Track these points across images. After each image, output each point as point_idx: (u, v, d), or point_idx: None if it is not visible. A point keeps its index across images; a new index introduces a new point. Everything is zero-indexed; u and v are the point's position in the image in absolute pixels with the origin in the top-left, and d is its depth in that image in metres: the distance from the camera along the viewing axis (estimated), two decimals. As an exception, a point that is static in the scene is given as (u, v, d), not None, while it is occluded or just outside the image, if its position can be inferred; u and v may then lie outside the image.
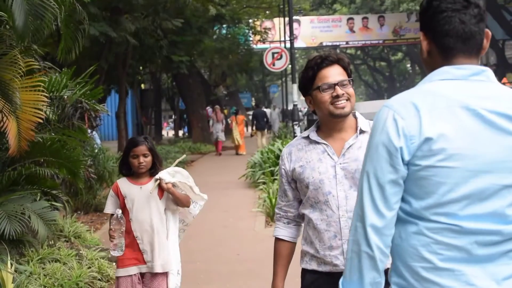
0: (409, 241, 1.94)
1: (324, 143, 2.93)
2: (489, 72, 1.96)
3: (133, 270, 4.35)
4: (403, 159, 1.90)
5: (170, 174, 4.32)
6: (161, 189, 4.34)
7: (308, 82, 2.95)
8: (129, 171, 4.40)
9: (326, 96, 2.88)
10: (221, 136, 25.11)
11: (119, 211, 4.21)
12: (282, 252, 3.05)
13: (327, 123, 2.95)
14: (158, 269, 4.33)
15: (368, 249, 1.93)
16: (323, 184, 2.87)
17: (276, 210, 3.12)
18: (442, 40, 1.97)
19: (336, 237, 2.85)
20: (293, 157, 3.00)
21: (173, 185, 4.33)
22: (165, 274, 4.36)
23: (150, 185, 4.34)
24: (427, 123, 1.88)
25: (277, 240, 3.07)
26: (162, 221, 4.36)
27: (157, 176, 4.31)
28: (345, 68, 2.95)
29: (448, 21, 1.95)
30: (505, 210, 1.90)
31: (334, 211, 2.85)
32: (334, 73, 2.90)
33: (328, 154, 2.91)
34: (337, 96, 2.87)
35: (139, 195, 4.34)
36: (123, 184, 4.42)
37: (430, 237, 1.91)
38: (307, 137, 2.99)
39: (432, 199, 1.90)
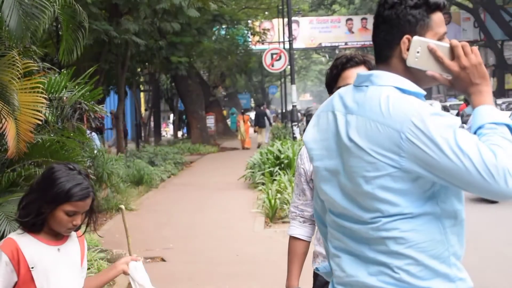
0: None
1: None
2: (373, 77, 1.95)
3: None
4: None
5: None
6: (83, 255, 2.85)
7: (332, 81, 2.92)
8: (39, 225, 2.60)
9: None
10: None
11: None
12: (297, 251, 3.02)
13: None
14: None
15: None
16: None
17: (292, 209, 3.09)
18: None
19: None
20: None
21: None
22: None
23: (70, 244, 2.71)
24: (309, 127, 2.12)
25: (292, 238, 3.04)
26: None
27: (125, 268, 2.84)
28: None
29: None
30: (351, 210, 1.96)
31: None
32: None
33: None
34: None
35: (57, 262, 2.63)
36: (27, 245, 2.56)
37: (328, 229, 2.11)
38: None
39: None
